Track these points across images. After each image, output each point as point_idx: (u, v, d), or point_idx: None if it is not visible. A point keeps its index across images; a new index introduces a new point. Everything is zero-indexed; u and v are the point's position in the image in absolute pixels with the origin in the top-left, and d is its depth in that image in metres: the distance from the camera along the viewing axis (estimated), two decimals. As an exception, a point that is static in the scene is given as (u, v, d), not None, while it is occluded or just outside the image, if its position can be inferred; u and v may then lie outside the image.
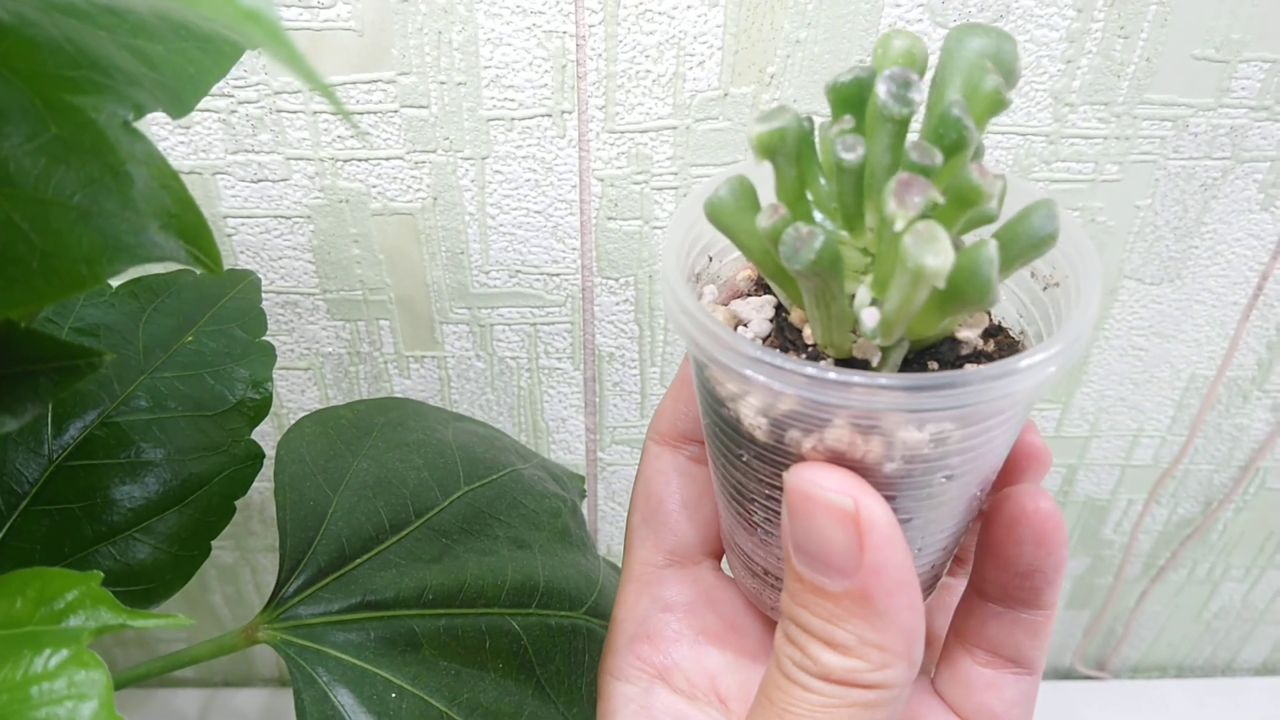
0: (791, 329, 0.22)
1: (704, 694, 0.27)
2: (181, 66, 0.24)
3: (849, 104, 0.21)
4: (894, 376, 0.19)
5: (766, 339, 0.23)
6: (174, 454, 0.33)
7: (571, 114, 0.41)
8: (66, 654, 0.22)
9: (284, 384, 0.51)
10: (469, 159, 0.42)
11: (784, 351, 0.21)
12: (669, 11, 0.39)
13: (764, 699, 0.22)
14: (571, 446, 0.54)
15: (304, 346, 0.49)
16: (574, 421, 0.53)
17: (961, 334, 0.22)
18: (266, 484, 0.52)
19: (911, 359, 0.22)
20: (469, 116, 0.41)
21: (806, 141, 0.21)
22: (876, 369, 0.21)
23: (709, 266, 0.25)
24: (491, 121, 0.41)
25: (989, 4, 0.39)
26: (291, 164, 0.42)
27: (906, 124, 0.19)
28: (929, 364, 0.22)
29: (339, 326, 0.48)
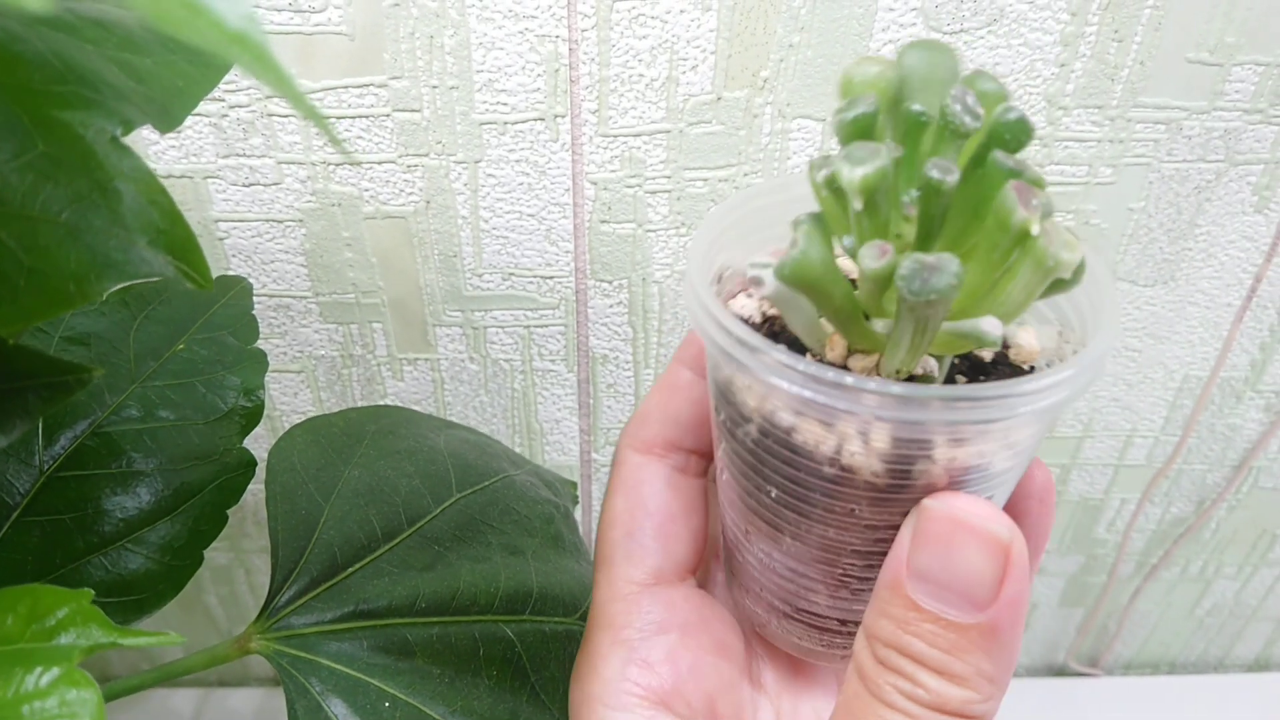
0: (833, 368, 0.22)
1: (704, 718, 0.26)
2: (170, 80, 0.24)
3: (865, 134, 0.21)
4: (1033, 378, 0.19)
5: None
6: (165, 463, 0.33)
7: (564, 118, 0.41)
8: (58, 672, 0.22)
9: (276, 387, 0.51)
10: (462, 163, 0.42)
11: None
12: (662, 16, 0.39)
13: None
14: (565, 448, 0.54)
15: (296, 349, 0.49)
16: (568, 423, 0.53)
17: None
18: (261, 486, 0.52)
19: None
20: (461, 120, 0.41)
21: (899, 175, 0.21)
22: (937, 379, 0.22)
23: None
24: (484, 125, 0.41)
25: (983, 8, 0.39)
26: (283, 168, 0.42)
27: (970, 137, 0.20)
28: (954, 360, 0.23)
29: (331, 329, 0.48)
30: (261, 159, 0.42)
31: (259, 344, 0.36)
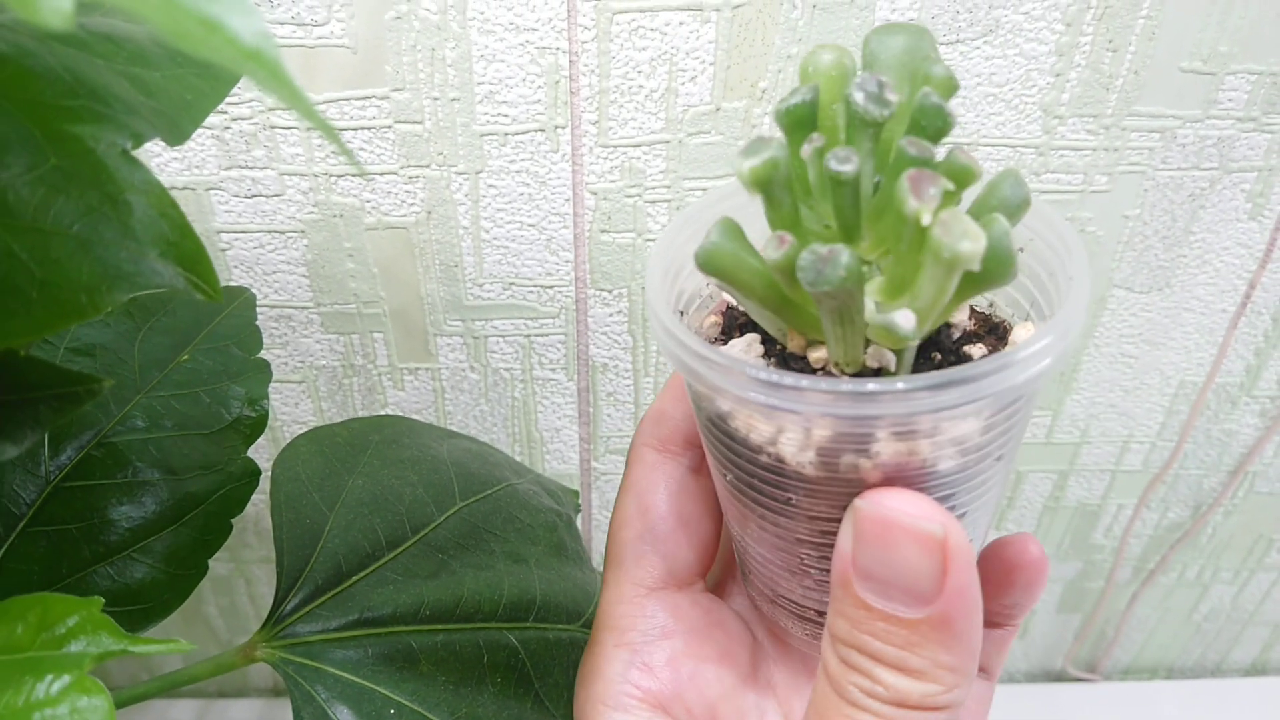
0: (795, 359, 0.22)
1: None
2: (179, 93, 0.24)
3: (804, 124, 0.21)
4: (951, 372, 0.18)
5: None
6: (170, 473, 0.33)
7: (565, 129, 0.41)
8: (68, 680, 0.22)
9: (278, 397, 0.51)
10: (463, 173, 0.43)
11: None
12: (661, 28, 0.39)
13: None
14: (565, 457, 0.54)
15: (298, 360, 0.49)
16: (568, 432, 0.53)
17: (953, 319, 0.23)
18: (262, 496, 0.52)
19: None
20: (463, 132, 0.41)
21: (796, 166, 0.21)
22: (895, 373, 0.21)
23: (684, 320, 0.25)
24: (485, 136, 0.42)
25: (978, 19, 0.40)
26: (285, 179, 0.42)
27: (883, 126, 0.19)
28: (932, 355, 0.22)
29: (333, 340, 0.48)
30: (264, 171, 0.42)
31: (261, 354, 0.37)
